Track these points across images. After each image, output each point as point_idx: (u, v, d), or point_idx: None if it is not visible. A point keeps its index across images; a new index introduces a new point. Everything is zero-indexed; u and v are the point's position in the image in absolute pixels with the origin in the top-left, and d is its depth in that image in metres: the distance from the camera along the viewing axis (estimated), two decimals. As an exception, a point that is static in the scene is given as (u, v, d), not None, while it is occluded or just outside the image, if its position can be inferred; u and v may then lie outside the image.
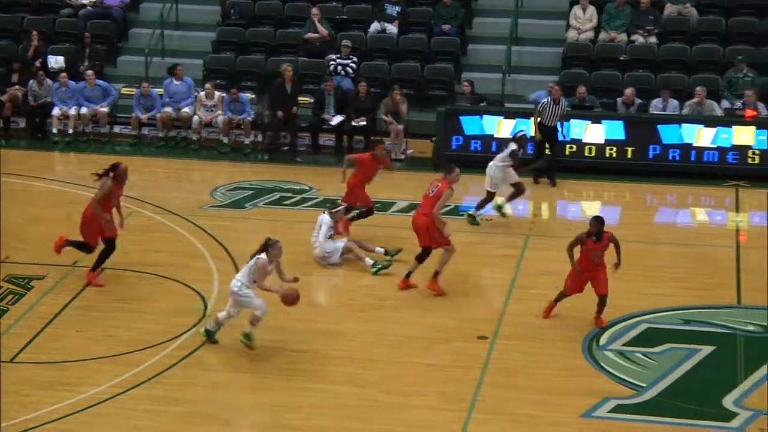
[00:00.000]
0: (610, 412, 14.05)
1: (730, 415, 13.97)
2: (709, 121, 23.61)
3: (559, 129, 22.86)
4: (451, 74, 26.55)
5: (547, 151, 23.03)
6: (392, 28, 27.45)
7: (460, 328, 16.16)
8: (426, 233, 17.17)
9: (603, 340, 15.92)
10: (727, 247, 19.58)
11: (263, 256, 14.86)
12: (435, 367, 15.06)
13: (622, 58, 26.18)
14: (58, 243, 17.48)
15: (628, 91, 24.16)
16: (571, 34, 26.83)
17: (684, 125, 23.63)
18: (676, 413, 13.99)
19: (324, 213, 18.52)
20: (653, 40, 26.39)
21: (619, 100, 24.55)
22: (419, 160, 24.47)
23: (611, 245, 15.94)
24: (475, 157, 22.97)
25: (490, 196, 20.47)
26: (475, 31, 27.93)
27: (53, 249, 17.48)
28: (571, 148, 23.81)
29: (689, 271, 18.31)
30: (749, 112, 23.70)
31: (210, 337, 15.41)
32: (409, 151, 24.96)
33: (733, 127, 23.45)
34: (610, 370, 15.12)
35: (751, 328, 16.36)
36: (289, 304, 15.04)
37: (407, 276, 17.39)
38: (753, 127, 23.34)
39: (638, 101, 24.43)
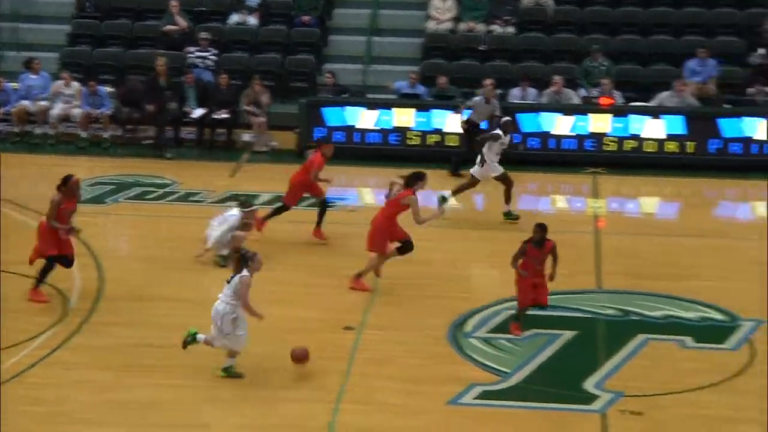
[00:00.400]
0: (475, 398, 14.24)
1: (591, 398, 14.28)
2: (567, 110, 24.11)
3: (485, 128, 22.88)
4: (312, 65, 26.61)
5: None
6: (252, 20, 27.38)
7: (327, 320, 16.23)
8: (371, 234, 17.14)
9: (468, 327, 16.15)
10: (586, 233, 20.01)
11: (246, 272, 14.11)
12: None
13: (481, 48, 26.53)
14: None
15: (488, 81, 24.53)
16: (431, 25, 27.11)
17: (542, 114, 24.09)
18: (539, 398, 14.26)
19: (233, 210, 18.09)
20: (511, 30, 26.82)
21: (480, 91, 24.89)
22: (283, 152, 24.48)
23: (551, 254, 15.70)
24: (338, 149, 23.05)
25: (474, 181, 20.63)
26: (336, 21, 28.05)
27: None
28: (435, 138, 24.12)
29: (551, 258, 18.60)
30: (605, 100, 24.27)
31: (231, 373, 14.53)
32: (272, 143, 24.95)
33: (590, 115, 23.97)
34: (476, 357, 15.33)
35: (611, 312, 16.76)
36: (299, 362, 14.56)
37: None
38: (609, 115, 23.90)
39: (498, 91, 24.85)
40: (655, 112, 24.01)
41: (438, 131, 24.16)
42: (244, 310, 14.13)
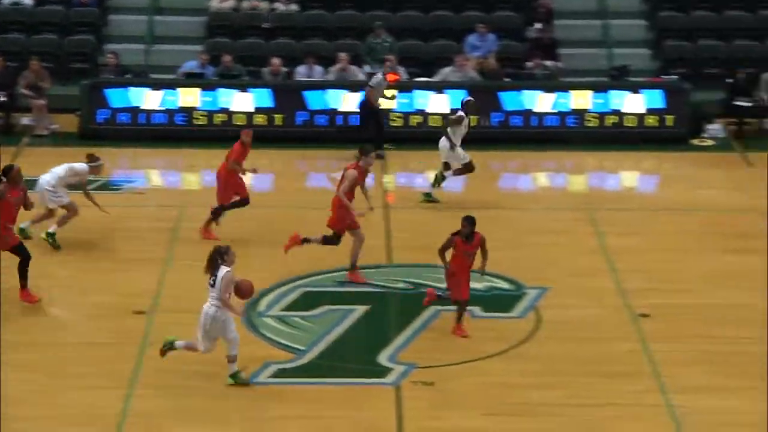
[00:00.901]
0: (271, 377, 14.32)
1: (385, 371, 14.53)
2: (353, 86, 24.30)
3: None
4: (92, 46, 26.11)
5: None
6: (27, 0, 26.70)
7: (118, 305, 16.04)
8: (334, 213, 16.94)
9: (261, 307, 16.19)
10: (376, 208, 20.23)
11: (226, 268, 13.75)
12: (95, 346, 14.91)
13: (265, 26, 26.50)
14: None
15: (275, 61, 24.52)
16: (214, 3, 26.92)
17: (329, 91, 24.24)
18: (334, 373, 14.43)
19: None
20: (294, 7, 26.86)
21: (265, 69, 24.87)
22: (65, 135, 23.97)
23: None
24: (123, 131, 22.80)
25: (445, 167, 20.33)
26: (116, 1, 27.55)
27: None
28: (222, 117, 24.02)
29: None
30: (390, 76, 24.53)
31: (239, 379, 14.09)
32: (53, 126, 24.40)
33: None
34: (270, 335, 15.41)
35: (401, 285, 17.04)
36: (245, 296, 14.18)
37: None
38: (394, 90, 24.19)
39: (284, 69, 24.86)
40: (439, 87, 24.42)
41: (224, 110, 24.04)
42: (223, 306, 13.73)
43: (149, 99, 24.02)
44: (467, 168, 20.27)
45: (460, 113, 20.21)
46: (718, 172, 22.31)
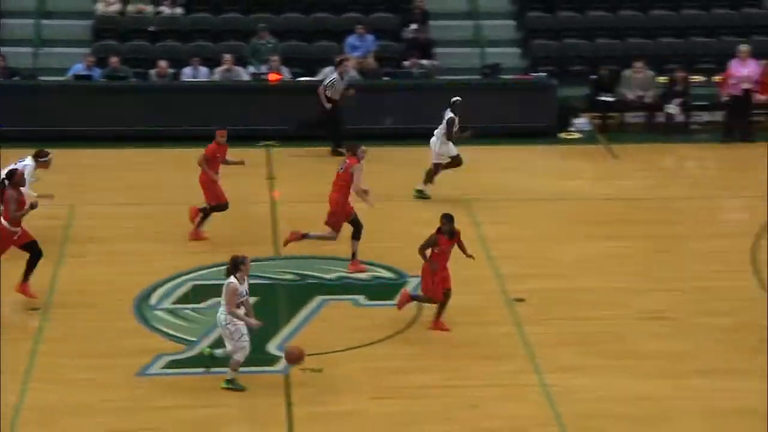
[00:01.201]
0: (163, 368, 14.16)
1: (275, 359, 14.45)
2: (239, 87, 24.10)
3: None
4: (-20, 49, 25.48)
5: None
6: None
7: (11, 302, 15.68)
8: (331, 210, 17.01)
9: (153, 300, 15.98)
10: (262, 203, 20.10)
11: (232, 279, 13.41)
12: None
13: (151, 29, 26.13)
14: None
15: (162, 63, 24.16)
16: (100, 7, 26.46)
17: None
18: (226, 363, 14.29)
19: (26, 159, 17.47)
20: (179, 10, 26.53)
21: (152, 71, 24.51)
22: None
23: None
24: (12, 132, 22.29)
25: (436, 167, 20.01)
26: (3, 5, 26.90)
27: None
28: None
29: (230, 229, 18.54)
30: (274, 76, 24.40)
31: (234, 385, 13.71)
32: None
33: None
34: (162, 328, 15.22)
35: (289, 277, 16.95)
36: (294, 362, 13.80)
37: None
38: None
39: (170, 71, 24.54)
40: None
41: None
42: (231, 315, 13.36)
43: (39, 101, 23.49)
44: (455, 161, 20.14)
45: (451, 114, 19.98)
46: (585, 164, 22.58)
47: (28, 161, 17.55)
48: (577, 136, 23.95)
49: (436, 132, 19.95)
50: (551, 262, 17.60)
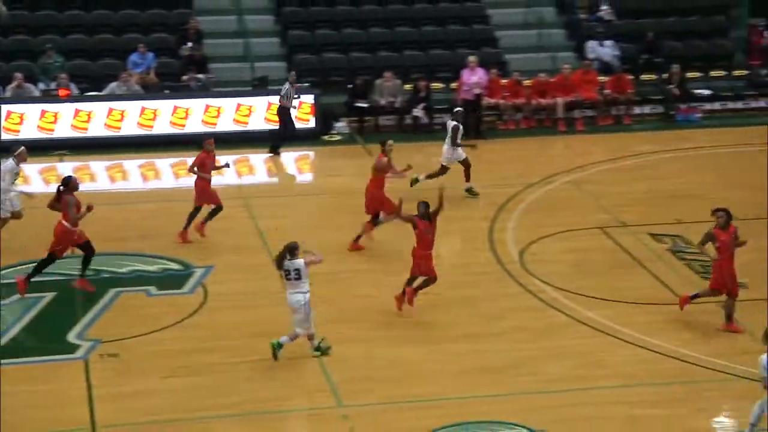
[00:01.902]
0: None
1: (74, 347, 14.17)
2: (31, 102, 23.40)
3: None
4: None
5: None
6: None
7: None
8: (370, 200, 17.55)
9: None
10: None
11: (302, 260, 13.71)
12: None
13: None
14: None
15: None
16: None
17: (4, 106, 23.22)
18: (29, 353, 13.91)
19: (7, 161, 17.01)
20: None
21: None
22: None
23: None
24: None
25: (443, 169, 19.77)
26: None
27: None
28: None
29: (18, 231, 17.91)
30: (63, 92, 23.77)
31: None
32: None
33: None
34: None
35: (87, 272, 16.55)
36: None
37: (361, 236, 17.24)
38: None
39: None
40: (107, 99, 23.82)
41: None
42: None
43: None
44: (465, 164, 20.08)
45: (455, 123, 19.88)
46: (345, 162, 22.87)
47: (10, 161, 17.08)
48: (338, 138, 24.24)
49: (446, 140, 19.96)
50: (322, 249, 17.72)
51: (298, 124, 23.55)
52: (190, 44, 25.37)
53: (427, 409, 13.00)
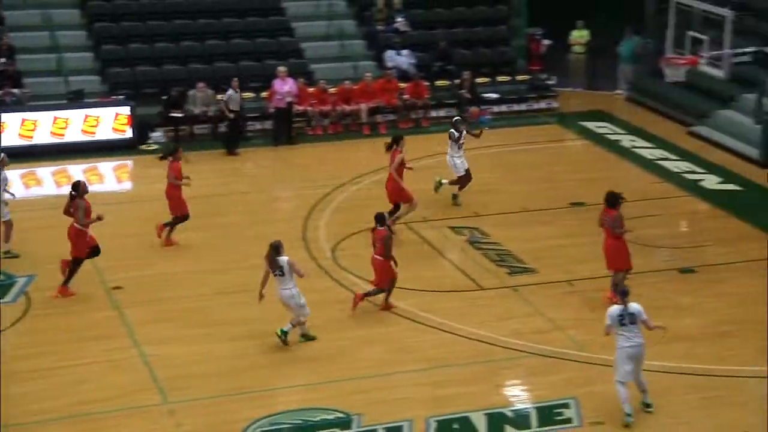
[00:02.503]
0: None
1: None
2: None
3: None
4: None
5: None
6: None
7: None
8: (392, 193, 18.08)
9: None
10: None
11: (286, 258, 14.10)
12: None
13: None
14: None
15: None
16: None
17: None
18: None
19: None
20: None
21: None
22: None
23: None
24: None
25: (460, 179, 19.61)
26: None
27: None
28: None
29: None
30: None
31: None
32: None
33: None
34: None
35: None
36: None
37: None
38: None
39: None
40: None
41: None
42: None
43: None
44: (467, 176, 19.69)
45: (452, 130, 19.53)
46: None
47: None
48: (155, 147, 23.87)
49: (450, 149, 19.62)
50: (140, 254, 17.54)
51: (115, 136, 23.14)
52: (3, 60, 24.51)
53: (248, 401, 13.08)
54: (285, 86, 24.04)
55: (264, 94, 24.86)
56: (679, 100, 25.46)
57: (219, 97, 24.04)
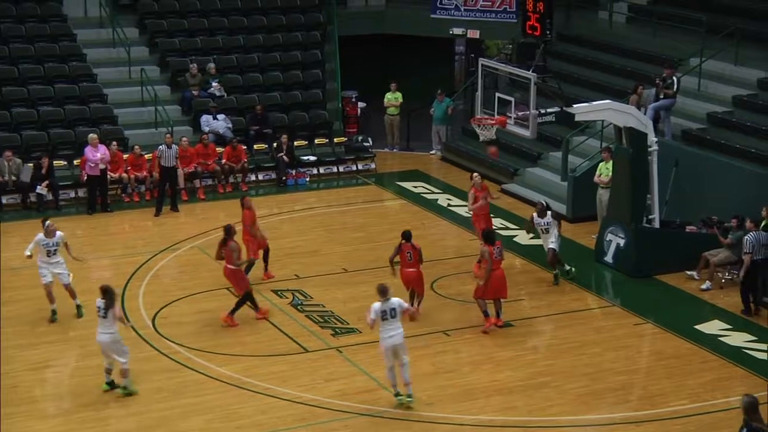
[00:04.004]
0: None
1: None
2: None
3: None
4: None
5: None
6: None
7: None
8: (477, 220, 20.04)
9: None
10: None
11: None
12: None
13: None
14: None
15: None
16: None
17: None
18: None
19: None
20: None
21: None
22: None
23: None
24: None
25: None
26: None
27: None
28: None
29: None
30: None
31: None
32: None
33: None
34: None
35: None
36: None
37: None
38: None
39: None
40: None
41: None
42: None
43: None
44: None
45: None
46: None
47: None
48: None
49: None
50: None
51: None
52: None
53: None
54: (97, 153, 23.65)
55: (76, 161, 24.39)
56: (491, 159, 26.44)
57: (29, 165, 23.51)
